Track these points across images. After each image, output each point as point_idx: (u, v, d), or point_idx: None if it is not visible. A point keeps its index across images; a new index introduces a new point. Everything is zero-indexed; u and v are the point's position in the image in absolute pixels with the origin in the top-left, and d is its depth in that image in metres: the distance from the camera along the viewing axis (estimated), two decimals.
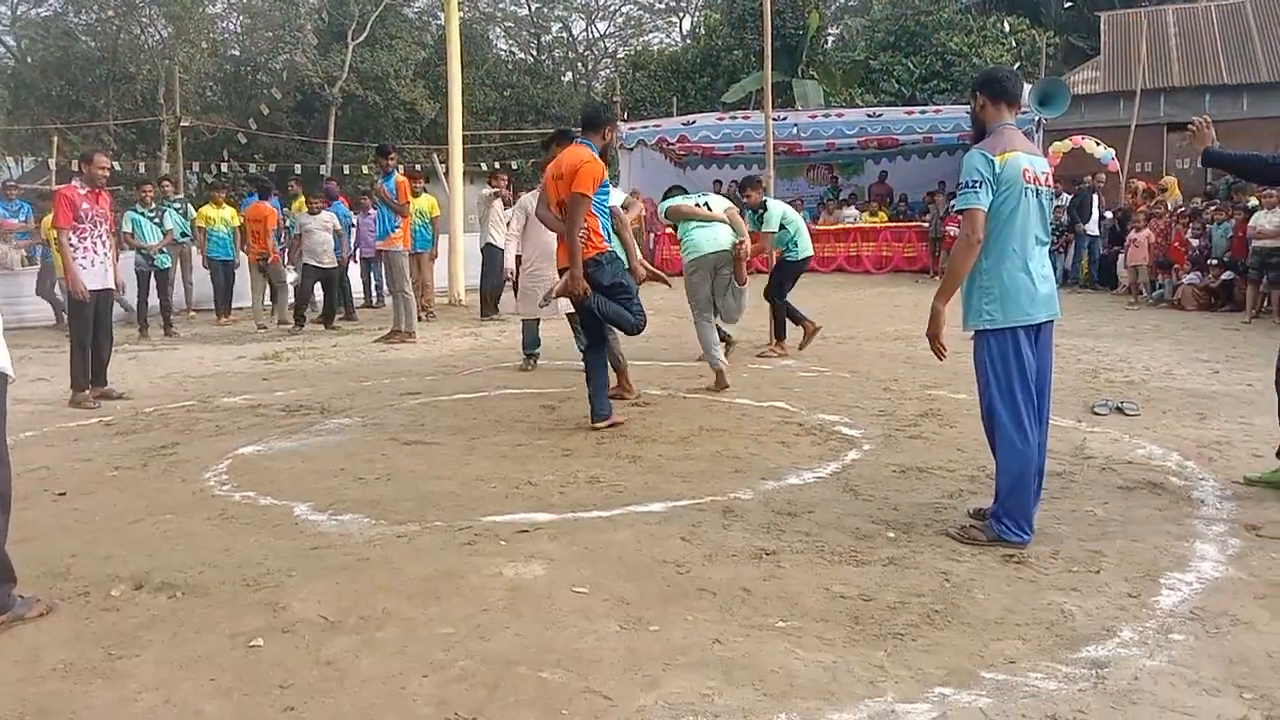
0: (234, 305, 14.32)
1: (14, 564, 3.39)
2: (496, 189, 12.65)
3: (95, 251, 7.60)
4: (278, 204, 14.48)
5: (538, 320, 8.53)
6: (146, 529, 4.37)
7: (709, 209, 7.79)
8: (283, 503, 4.70)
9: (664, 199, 8.27)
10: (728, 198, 9.06)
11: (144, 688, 2.86)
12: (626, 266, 6.25)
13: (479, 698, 2.74)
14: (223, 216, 13.96)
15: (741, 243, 7.58)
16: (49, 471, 5.48)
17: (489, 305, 13.29)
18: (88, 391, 7.62)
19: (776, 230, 9.01)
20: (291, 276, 13.74)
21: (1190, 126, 4.86)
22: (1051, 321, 4.00)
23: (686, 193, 8.46)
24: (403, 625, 3.25)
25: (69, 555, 4.02)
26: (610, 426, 6.01)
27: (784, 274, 9.27)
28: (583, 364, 6.28)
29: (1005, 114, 3.98)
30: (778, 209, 9.11)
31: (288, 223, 14.43)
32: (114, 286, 7.92)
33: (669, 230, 9.39)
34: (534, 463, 5.35)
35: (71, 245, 7.43)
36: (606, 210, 6.05)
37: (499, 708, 2.68)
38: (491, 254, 12.65)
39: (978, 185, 3.81)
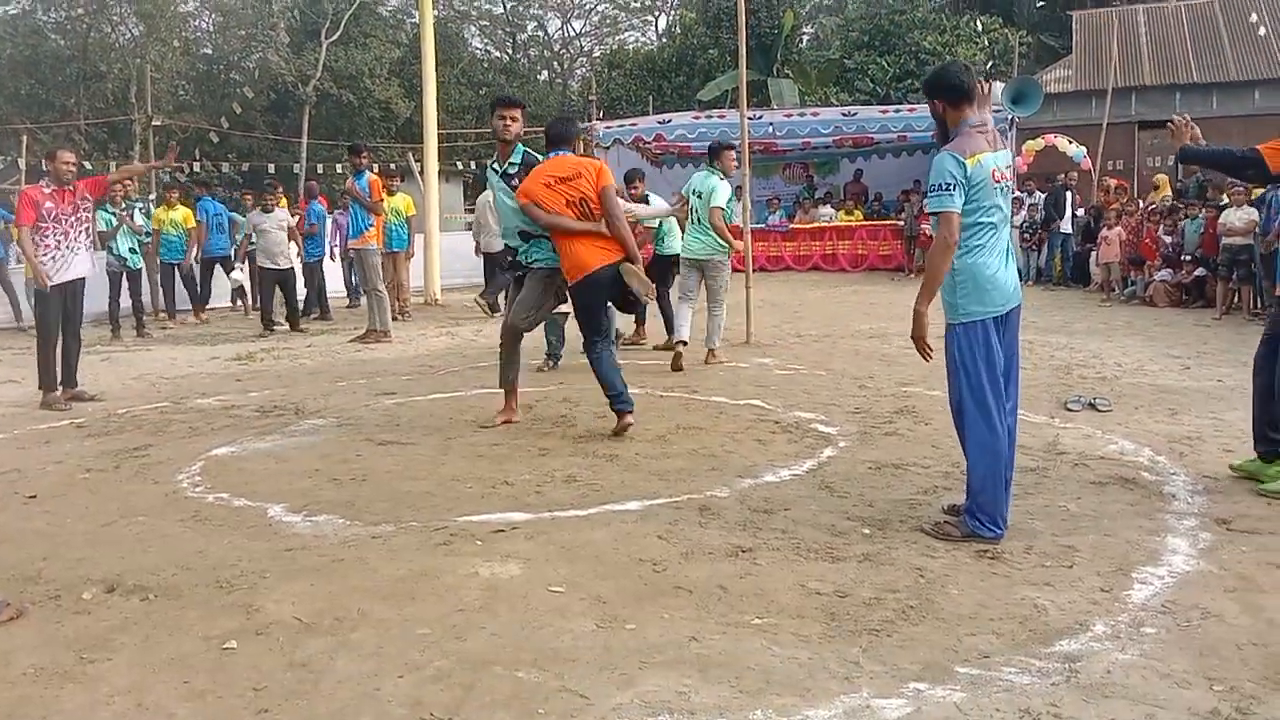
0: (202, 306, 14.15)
1: None
2: None
3: (60, 249, 7.47)
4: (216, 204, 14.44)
5: (565, 316, 8.10)
6: (119, 531, 4.33)
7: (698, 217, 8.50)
8: (257, 504, 4.67)
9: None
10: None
11: (116, 691, 2.83)
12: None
13: (455, 698, 2.73)
14: (173, 218, 13.63)
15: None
16: (20, 474, 5.42)
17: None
18: (58, 392, 7.53)
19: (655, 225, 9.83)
20: (236, 275, 13.65)
21: (1170, 124, 4.91)
22: (1018, 307, 4.05)
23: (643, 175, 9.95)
24: (377, 626, 3.23)
25: (40, 558, 3.97)
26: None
27: (656, 268, 9.51)
28: (593, 362, 5.93)
29: (967, 112, 4.00)
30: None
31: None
32: (83, 275, 7.75)
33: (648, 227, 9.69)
34: (510, 462, 5.34)
35: (34, 244, 7.34)
36: None
37: (475, 708, 2.67)
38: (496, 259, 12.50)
39: (950, 188, 3.84)
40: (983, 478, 3.90)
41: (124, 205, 12.62)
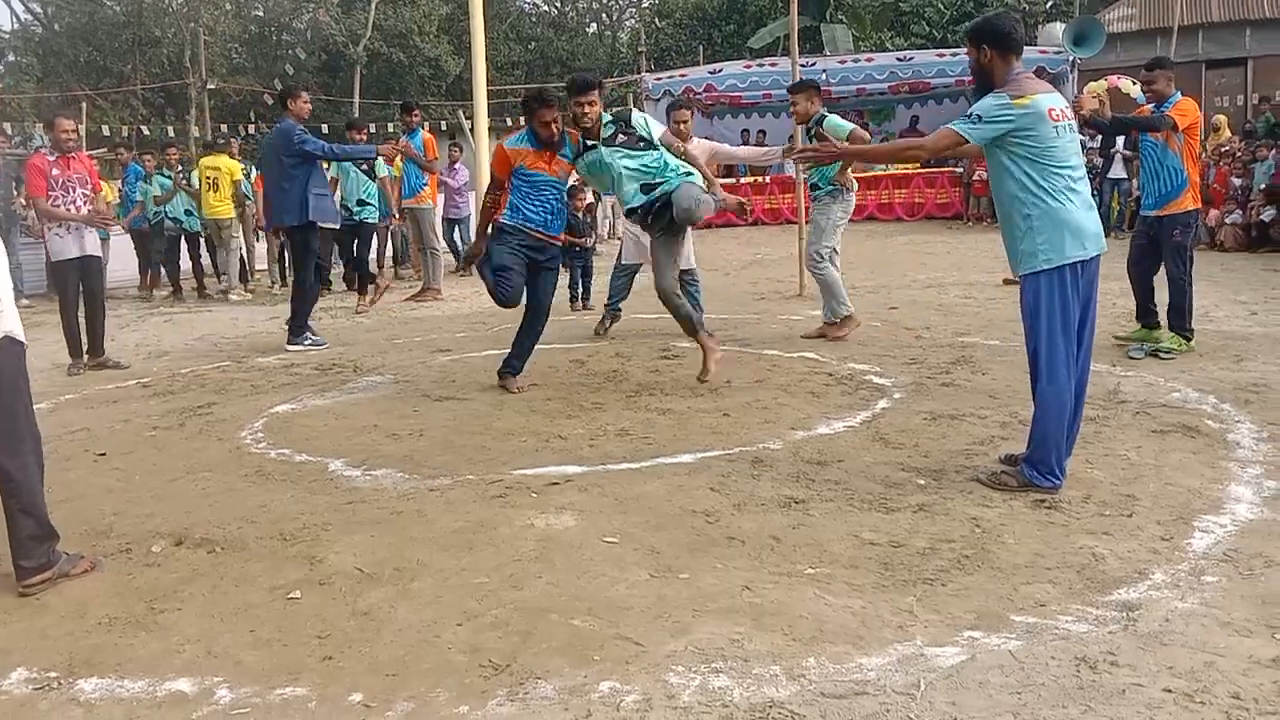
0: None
1: (56, 523, 3.46)
2: None
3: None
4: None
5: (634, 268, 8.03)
6: (185, 487, 4.45)
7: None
8: (317, 459, 4.77)
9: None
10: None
11: (186, 639, 2.93)
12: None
13: (512, 645, 2.78)
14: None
15: None
16: (89, 433, 5.58)
17: None
18: (84, 360, 7.56)
19: None
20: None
21: (1080, 104, 5.00)
22: (1099, 257, 3.93)
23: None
24: (436, 576, 3.29)
25: (110, 513, 4.11)
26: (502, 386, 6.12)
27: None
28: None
29: (1015, 64, 3.91)
30: None
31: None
32: (97, 253, 7.66)
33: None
34: (563, 417, 5.38)
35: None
36: (544, 187, 5.88)
37: (532, 654, 2.72)
38: None
39: (979, 120, 3.79)
40: (1047, 425, 3.84)
41: (180, 170, 12.75)
